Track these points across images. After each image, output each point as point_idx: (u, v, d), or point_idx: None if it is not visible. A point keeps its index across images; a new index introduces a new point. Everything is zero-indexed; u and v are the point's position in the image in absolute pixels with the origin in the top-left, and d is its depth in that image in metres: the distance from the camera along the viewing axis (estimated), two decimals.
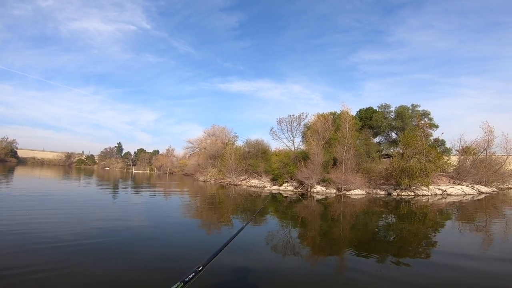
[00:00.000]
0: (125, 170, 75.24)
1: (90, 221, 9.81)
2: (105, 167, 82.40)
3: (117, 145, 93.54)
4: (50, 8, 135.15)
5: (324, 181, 24.48)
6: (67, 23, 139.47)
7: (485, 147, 29.54)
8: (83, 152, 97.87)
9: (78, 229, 8.48)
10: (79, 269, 5.34)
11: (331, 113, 32.16)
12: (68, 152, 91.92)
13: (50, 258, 5.82)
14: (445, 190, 23.28)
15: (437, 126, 32.06)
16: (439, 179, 25.86)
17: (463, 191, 23.65)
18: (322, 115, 30.46)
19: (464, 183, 25.77)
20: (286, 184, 26.48)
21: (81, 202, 15.17)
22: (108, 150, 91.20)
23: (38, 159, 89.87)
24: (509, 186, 31.08)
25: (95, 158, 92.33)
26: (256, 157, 34.00)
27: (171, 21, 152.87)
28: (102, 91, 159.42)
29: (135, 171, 69.02)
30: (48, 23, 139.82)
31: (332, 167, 25.33)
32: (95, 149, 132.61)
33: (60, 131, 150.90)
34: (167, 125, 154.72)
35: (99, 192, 21.27)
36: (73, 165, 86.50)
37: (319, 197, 21.24)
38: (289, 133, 34.89)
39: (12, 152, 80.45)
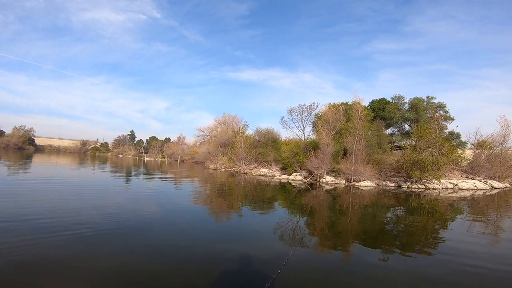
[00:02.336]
0: (137, 157, 76.99)
1: (104, 207, 10.27)
2: (119, 154, 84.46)
3: (129, 133, 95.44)
4: None
5: (334, 172, 24.50)
6: (78, 13, 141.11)
7: (501, 141, 28.68)
8: (97, 140, 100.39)
9: (94, 216, 8.88)
10: (94, 258, 5.54)
11: (342, 103, 31.79)
12: (83, 140, 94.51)
13: (64, 246, 6.10)
14: (456, 184, 22.92)
15: (452, 119, 31.31)
16: (451, 173, 25.42)
17: (475, 186, 23.23)
18: (334, 105, 30.17)
19: (477, 177, 25.26)
20: (295, 173, 26.65)
21: (96, 188, 15.86)
22: (121, 137, 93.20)
23: (55, 146, 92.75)
24: None
25: (109, 145, 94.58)
26: (266, 146, 34.17)
27: (181, 9, 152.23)
28: (114, 80, 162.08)
29: (147, 159, 70.56)
30: (60, 14, 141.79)
31: (342, 158, 25.27)
32: (109, 137, 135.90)
33: (75, 119, 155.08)
34: (178, 113, 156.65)
35: (114, 179, 22.07)
36: (88, 152, 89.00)
37: (328, 187, 21.34)
38: (300, 122, 34.79)
39: (29, 140, 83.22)
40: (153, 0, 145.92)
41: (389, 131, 34.55)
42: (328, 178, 24.19)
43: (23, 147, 77.99)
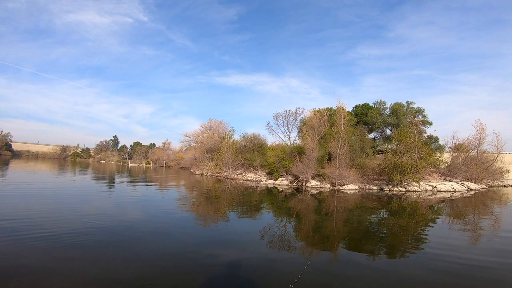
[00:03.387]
0: (121, 163, 75.08)
1: (85, 215, 9.98)
2: (101, 160, 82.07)
3: (113, 138, 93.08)
4: (45, 1, 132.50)
5: (319, 176, 24.93)
6: (62, 15, 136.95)
7: (477, 144, 30.24)
8: (78, 145, 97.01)
9: (74, 224, 8.61)
10: (75, 264, 5.45)
11: (327, 108, 32.51)
12: (63, 145, 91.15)
13: (44, 253, 5.93)
14: (435, 187, 23.89)
15: (430, 123, 32.72)
16: (430, 176, 26.48)
17: (453, 188, 24.30)
18: (318, 110, 30.79)
19: (454, 179, 26.43)
20: (281, 178, 26.91)
21: (76, 195, 15.42)
22: (104, 143, 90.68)
23: (33, 152, 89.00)
24: (499, 183, 31.84)
25: (91, 151, 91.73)
26: (253, 151, 34.32)
27: (168, 13, 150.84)
28: (97, 84, 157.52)
29: (131, 165, 68.95)
30: (43, 15, 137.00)
31: (327, 162, 25.77)
32: (91, 142, 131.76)
33: (55, 124, 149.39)
34: (163, 118, 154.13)
35: (95, 186, 21.47)
36: (68, 158, 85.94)
37: (313, 191, 21.68)
38: (285, 128, 35.19)
39: (6, 145, 79.58)
40: (140, 3, 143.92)
41: (371, 135, 35.63)
42: (313, 183, 24.58)
43: (0, 152, 74.47)
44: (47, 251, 6.06)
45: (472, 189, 25.35)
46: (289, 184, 25.48)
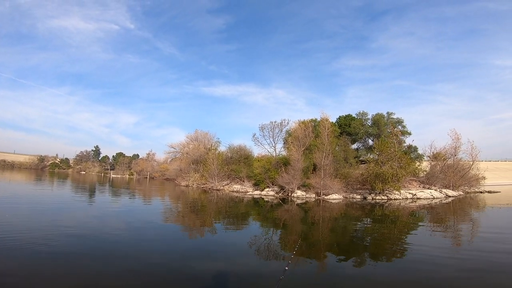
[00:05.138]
0: (102, 174, 72.80)
1: (64, 227, 9.74)
2: (81, 171, 79.27)
3: (94, 149, 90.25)
4: (29, 5, 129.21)
5: (304, 186, 25.28)
6: (45, 20, 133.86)
7: (453, 153, 31.72)
8: (57, 155, 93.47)
9: (52, 235, 8.42)
10: (51, 276, 5.39)
11: (311, 120, 33.23)
12: (41, 155, 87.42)
13: (21, 266, 5.83)
14: (415, 194, 24.78)
15: (409, 133, 34.01)
16: (410, 184, 27.44)
17: (432, 195, 25.28)
18: (303, 122, 31.43)
19: (433, 187, 27.50)
20: (267, 189, 27.06)
21: (54, 207, 14.87)
22: (84, 153, 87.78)
23: (9, 162, 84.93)
24: (475, 190, 33.31)
25: (70, 161, 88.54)
26: (239, 163, 34.36)
27: (156, 21, 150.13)
28: (78, 91, 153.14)
29: (113, 176, 66.99)
30: (26, 20, 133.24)
31: (312, 173, 26.21)
32: (70, 153, 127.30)
33: (33, 133, 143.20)
34: (148, 128, 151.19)
35: (74, 197, 20.79)
36: (46, 168, 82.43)
37: (299, 201, 21.95)
38: (271, 139, 35.62)
39: None
40: (128, 11, 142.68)
41: (354, 146, 36.59)
42: (299, 193, 24.88)
43: None
44: (21, 263, 5.91)
45: (450, 196, 26.43)
46: (275, 195, 25.65)
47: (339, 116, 37.57)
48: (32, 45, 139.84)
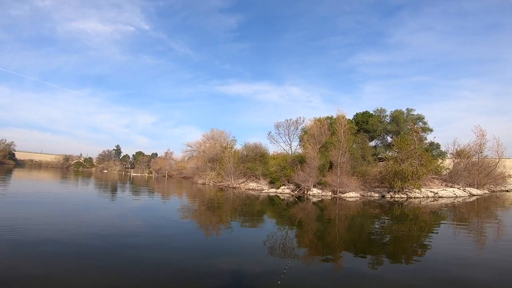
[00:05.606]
0: (123, 173, 75.43)
1: (90, 226, 10.08)
2: (104, 170, 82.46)
3: (115, 148, 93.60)
4: (48, 8, 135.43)
5: (320, 184, 25.06)
6: (64, 23, 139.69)
7: (478, 150, 30.32)
8: (81, 154, 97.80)
9: (77, 234, 8.68)
10: (73, 272, 5.56)
11: (327, 117, 32.81)
12: (66, 155, 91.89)
13: (49, 264, 6.05)
14: (436, 193, 23.94)
15: (431, 130, 32.78)
16: (431, 182, 26.54)
17: (455, 194, 24.33)
18: (319, 119, 31.11)
19: (456, 185, 26.46)
20: (283, 187, 27.04)
21: (80, 205, 15.60)
22: (106, 152, 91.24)
23: (36, 161, 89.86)
24: (501, 188, 31.77)
25: (93, 160, 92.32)
26: (254, 161, 34.52)
27: (169, 22, 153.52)
28: (99, 93, 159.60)
29: (133, 174, 69.23)
30: (46, 23, 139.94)
31: (328, 170, 25.93)
32: (93, 152, 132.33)
33: (58, 133, 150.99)
34: (165, 128, 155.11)
35: (99, 194, 21.72)
36: (71, 167, 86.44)
37: (315, 199, 21.81)
38: (287, 137, 35.43)
39: (10, 155, 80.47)
40: (142, 12, 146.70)
41: (372, 143, 35.74)
42: (315, 191, 24.70)
43: (3, 161, 75.22)
44: (45, 260, 6.23)
45: (474, 195, 25.35)
46: (291, 193, 25.60)
47: (356, 113, 36.79)
48: (53, 48, 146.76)
